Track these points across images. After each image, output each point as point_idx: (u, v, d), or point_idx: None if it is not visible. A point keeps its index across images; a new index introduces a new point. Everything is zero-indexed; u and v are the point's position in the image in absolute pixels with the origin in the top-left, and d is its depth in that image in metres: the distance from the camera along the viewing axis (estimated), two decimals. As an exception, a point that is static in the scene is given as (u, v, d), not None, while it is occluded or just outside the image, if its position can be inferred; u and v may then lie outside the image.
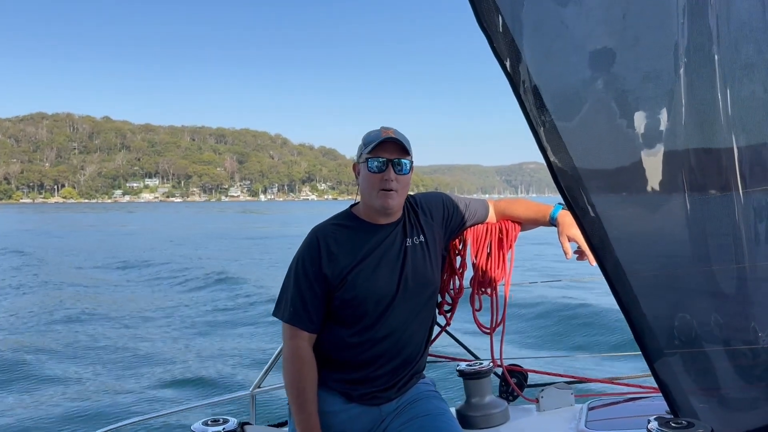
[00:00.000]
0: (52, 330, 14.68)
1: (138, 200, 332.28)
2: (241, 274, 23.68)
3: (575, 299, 14.60)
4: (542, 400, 2.88)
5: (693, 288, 1.60)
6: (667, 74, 1.44)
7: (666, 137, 1.47)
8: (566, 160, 1.55)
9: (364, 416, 2.36)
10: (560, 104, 1.54)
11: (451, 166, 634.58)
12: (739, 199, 1.43)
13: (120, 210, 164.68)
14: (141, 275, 25.59)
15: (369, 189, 2.32)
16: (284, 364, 2.33)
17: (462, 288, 2.80)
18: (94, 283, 23.29)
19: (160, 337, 13.92)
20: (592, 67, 1.51)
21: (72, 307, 17.58)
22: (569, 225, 2.50)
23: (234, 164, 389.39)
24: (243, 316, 16.12)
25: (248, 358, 11.49)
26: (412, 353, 2.41)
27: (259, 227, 66.61)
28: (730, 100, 1.40)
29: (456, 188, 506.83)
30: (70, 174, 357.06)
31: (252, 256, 33.19)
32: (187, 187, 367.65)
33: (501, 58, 1.53)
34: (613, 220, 1.57)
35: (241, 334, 13.92)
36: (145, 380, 10.34)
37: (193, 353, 12.26)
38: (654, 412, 2.35)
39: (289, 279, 2.36)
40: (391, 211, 2.34)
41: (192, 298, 19.65)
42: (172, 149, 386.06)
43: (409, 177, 2.35)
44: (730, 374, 1.64)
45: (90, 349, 12.72)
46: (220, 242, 44.31)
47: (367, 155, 2.31)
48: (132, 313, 16.71)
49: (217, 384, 9.90)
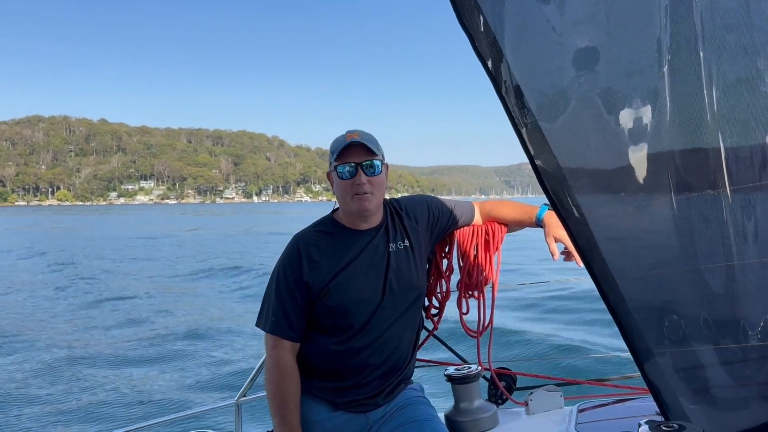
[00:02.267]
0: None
1: (133, 202, 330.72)
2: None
3: (563, 300, 14.65)
4: (531, 403, 2.86)
5: (681, 288, 1.59)
6: (651, 72, 1.42)
7: (651, 136, 1.45)
8: (550, 161, 1.53)
9: (350, 424, 2.33)
10: (543, 104, 1.52)
11: (451, 167, 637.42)
12: (727, 198, 1.41)
13: (128, 212, 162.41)
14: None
15: (343, 195, 2.30)
16: (266, 374, 2.31)
17: (449, 291, 2.78)
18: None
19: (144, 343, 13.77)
20: (575, 66, 1.48)
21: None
22: (555, 226, 2.49)
23: (229, 166, 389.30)
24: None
25: (234, 366, 11.39)
26: (399, 359, 2.39)
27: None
28: (716, 97, 1.38)
29: (453, 189, 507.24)
30: (66, 176, 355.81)
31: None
32: (182, 189, 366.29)
33: (483, 57, 1.50)
34: (600, 220, 1.55)
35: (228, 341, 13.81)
36: (126, 390, 10.21)
37: (178, 361, 12.14)
38: (644, 413, 2.33)
39: (270, 288, 2.33)
40: (369, 213, 2.32)
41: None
42: (167, 151, 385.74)
43: (383, 177, 2.32)
44: (720, 374, 1.62)
45: (65, 360, 12.52)
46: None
47: (335, 162, 2.29)
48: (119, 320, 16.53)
49: (201, 393, 9.81)
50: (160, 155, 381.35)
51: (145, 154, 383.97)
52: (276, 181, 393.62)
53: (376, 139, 2.34)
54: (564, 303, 14.46)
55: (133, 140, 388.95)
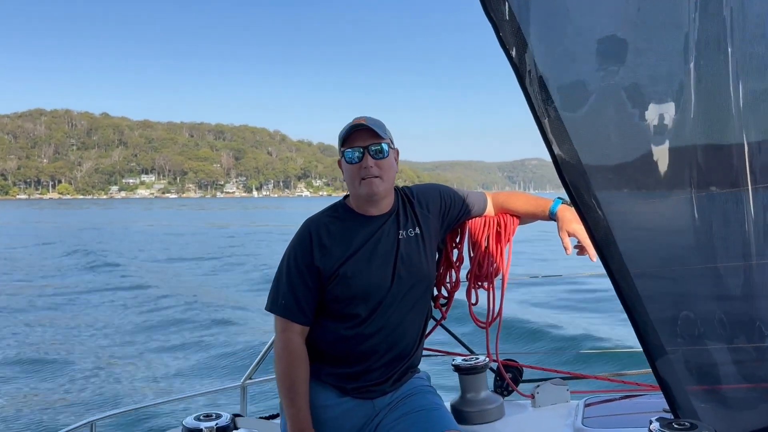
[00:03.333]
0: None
1: (134, 196, 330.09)
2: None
3: (574, 294, 14.63)
4: (538, 395, 2.86)
5: (698, 285, 1.58)
6: (677, 68, 1.40)
7: (675, 132, 1.44)
8: (571, 153, 1.51)
9: (357, 410, 2.33)
10: (566, 95, 1.50)
11: (453, 162, 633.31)
12: (749, 196, 1.40)
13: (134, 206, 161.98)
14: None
15: (351, 180, 2.30)
16: (276, 357, 2.31)
17: (459, 282, 2.77)
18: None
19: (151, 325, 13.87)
20: (601, 58, 1.47)
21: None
22: (569, 220, 2.47)
23: (230, 160, 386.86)
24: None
25: (240, 349, 11.46)
26: (406, 347, 2.38)
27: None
28: (742, 94, 1.36)
29: (455, 184, 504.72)
30: (67, 170, 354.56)
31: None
32: (183, 184, 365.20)
33: (507, 47, 1.49)
34: (619, 216, 1.54)
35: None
36: (135, 370, 10.29)
37: (185, 343, 12.22)
38: (651, 409, 2.33)
39: (281, 272, 2.34)
40: (378, 197, 2.31)
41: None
42: (169, 145, 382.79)
43: (391, 160, 2.32)
44: (733, 374, 1.61)
45: (78, 339, 12.63)
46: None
47: (343, 148, 2.30)
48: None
49: (207, 375, 9.87)
50: (162, 149, 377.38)
51: (146, 148, 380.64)
52: (277, 175, 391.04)
53: (383, 123, 2.34)
54: (575, 297, 14.44)
55: (135, 134, 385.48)
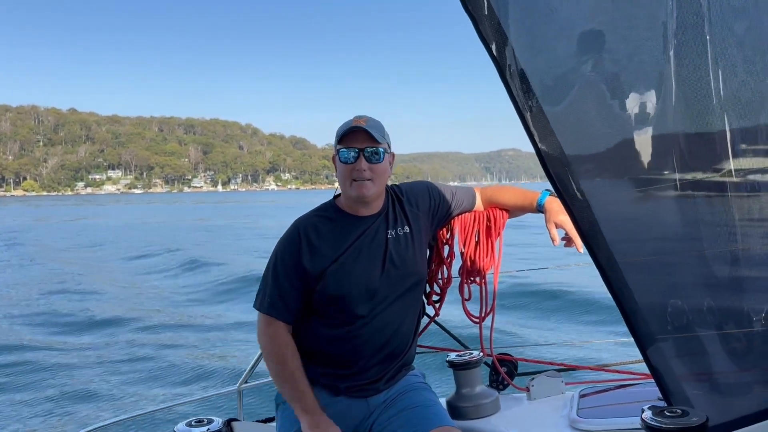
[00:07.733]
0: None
1: (100, 192, 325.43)
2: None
3: (564, 286, 14.64)
4: (533, 388, 2.87)
5: (685, 273, 1.58)
6: (656, 56, 1.40)
7: (656, 120, 1.44)
8: (554, 146, 1.52)
9: (351, 410, 2.33)
10: (547, 88, 1.50)
11: (431, 154, 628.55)
12: (732, 182, 1.40)
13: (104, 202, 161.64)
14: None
15: (343, 180, 2.31)
16: (265, 354, 2.32)
17: (450, 278, 2.78)
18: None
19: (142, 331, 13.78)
20: (580, 49, 1.47)
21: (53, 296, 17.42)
22: (556, 211, 2.48)
23: (198, 155, 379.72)
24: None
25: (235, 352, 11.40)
26: (399, 345, 2.39)
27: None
28: (722, 80, 1.37)
29: (430, 176, 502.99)
30: (32, 167, 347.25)
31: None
32: (150, 179, 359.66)
33: (487, 41, 1.48)
34: (604, 205, 1.54)
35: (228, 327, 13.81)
36: (128, 376, 10.23)
37: (180, 347, 12.15)
38: (645, 398, 2.34)
39: (268, 270, 2.35)
40: (368, 200, 2.32)
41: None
42: (136, 140, 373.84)
43: (385, 165, 2.32)
44: (723, 360, 1.62)
45: (68, 345, 12.53)
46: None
47: (339, 146, 2.29)
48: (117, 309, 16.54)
49: (203, 379, 9.83)
50: (128, 144, 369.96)
51: (113, 143, 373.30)
52: (245, 169, 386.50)
53: (383, 126, 2.33)
54: (563, 289, 14.45)
55: (102, 129, 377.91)
